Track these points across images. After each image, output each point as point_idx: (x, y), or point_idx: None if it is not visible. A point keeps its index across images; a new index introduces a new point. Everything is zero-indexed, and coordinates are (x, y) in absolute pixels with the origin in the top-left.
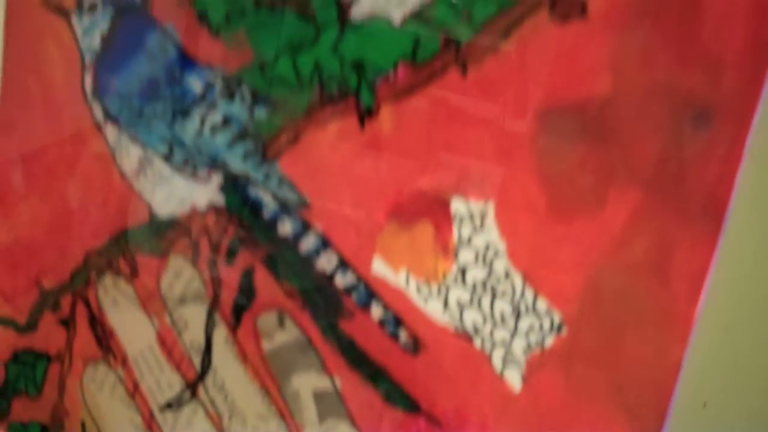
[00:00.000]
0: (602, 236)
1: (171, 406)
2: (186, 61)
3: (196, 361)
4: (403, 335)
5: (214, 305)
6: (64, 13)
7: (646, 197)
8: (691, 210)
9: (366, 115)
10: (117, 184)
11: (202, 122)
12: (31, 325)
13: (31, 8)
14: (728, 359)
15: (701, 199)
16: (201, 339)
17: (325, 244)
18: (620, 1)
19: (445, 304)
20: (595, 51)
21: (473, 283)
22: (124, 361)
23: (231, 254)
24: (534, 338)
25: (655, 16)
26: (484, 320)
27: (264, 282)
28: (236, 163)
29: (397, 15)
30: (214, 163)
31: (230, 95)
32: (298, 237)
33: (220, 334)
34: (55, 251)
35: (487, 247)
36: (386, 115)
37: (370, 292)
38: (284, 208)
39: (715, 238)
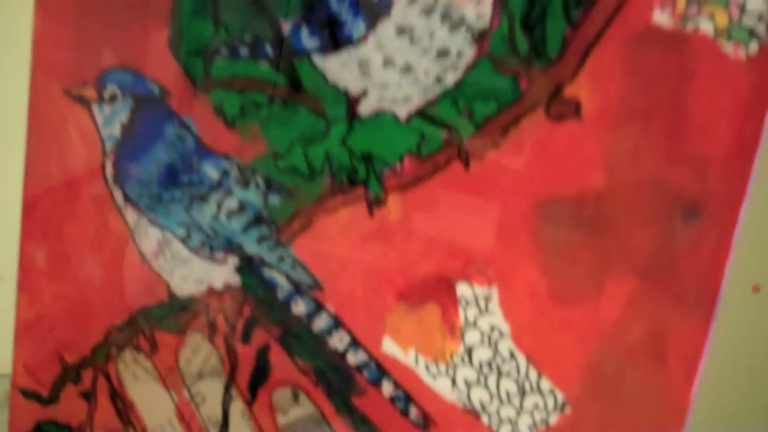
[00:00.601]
0: (600, 321)
1: None
2: (203, 150)
3: None
4: (414, 411)
5: (230, 380)
6: (85, 103)
7: (642, 285)
8: (685, 297)
9: (375, 203)
10: (137, 264)
11: (219, 207)
12: (54, 398)
13: (53, 97)
14: None
15: (694, 287)
16: (218, 413)
17: (337, 323)
18: (612, 103)
19: (453, 382)
20: (590, 149)
21: (479, 363)
22: None
23: (247, 332)
24: (539, 416)
25: (645, 117)
26: (491, 398)
27: (279, 359)
28: (251, 246)
29: (402, 112)
30: (230, 246)
31: (245, 183)
32: (311, 317)
33: (237, 408)
34: (76, 327)
35: (492, 329)
36: (394, 204)
37: (381, 370)
38: (298, 289)
39: (707, 324)
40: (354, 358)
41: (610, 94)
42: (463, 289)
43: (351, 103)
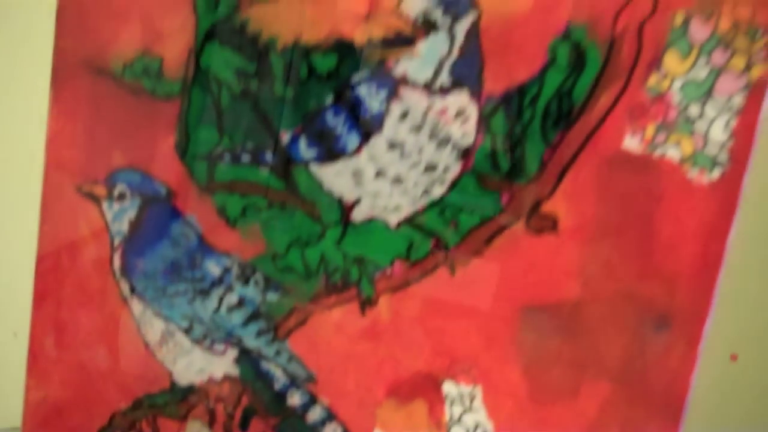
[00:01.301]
0: (577, 421)
1: None
2: (206, 247)
3: None
4: None
5: None
6: (96, 200)
7: (615, 388)
8: (655, 401)
9: (366, 303)
10: (141, 352)
11: (220, 302)
12: None
13: (65, 192)
14: None
15: (663, 391)
16: None
17: (330, 415)
18: (587, 219)
19: None
20: (566, 261)
21: None
22: None
23: (245, 421)
24: None
25: (617, 234)
26: None
27: None
28: (250, 339)
29: (393, 219)
30: (230, 339)
31: (245, 280)
32: (306, 408)
33: None
34: (82, 411)
35: (476, 426)
36: (384, 305)
37: None
38: (293, 381)
39: (676, 427)
40: None
41: (584, 211)
42: (449, 387)
43: (345, 209)
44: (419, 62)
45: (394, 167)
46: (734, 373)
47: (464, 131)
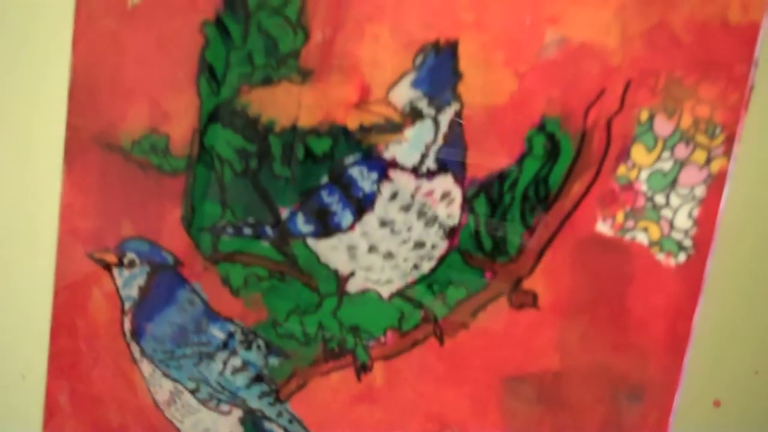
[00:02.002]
0: None
1: None
2: (211, 314)
3: None
4: None
5: None
6: (107, 266)
7: None
8: None
9: (362, 370)
10: (151, 411)
11: (225, 365)
12: None
13: (78, 259)
14: None
15: None
16: None
17: None
18: (564, 296)
19: None
20: (546, 334)
21: None
22: None
23: None
24: None
25: (591, 310)
26: None
27: None
28: (253, 401)
29: (385, 292)
30: (235, 400)
31: (248, 345)
32: None
33: None
34: None
35: None
36: (379, 371)
37: None
38: None
39: None
40: None
41: (562, 289)
42: None
43: (340, 281)
44: (407, 147)
45: (386, 243)
46: (718, 420)
47: (450, 212)
